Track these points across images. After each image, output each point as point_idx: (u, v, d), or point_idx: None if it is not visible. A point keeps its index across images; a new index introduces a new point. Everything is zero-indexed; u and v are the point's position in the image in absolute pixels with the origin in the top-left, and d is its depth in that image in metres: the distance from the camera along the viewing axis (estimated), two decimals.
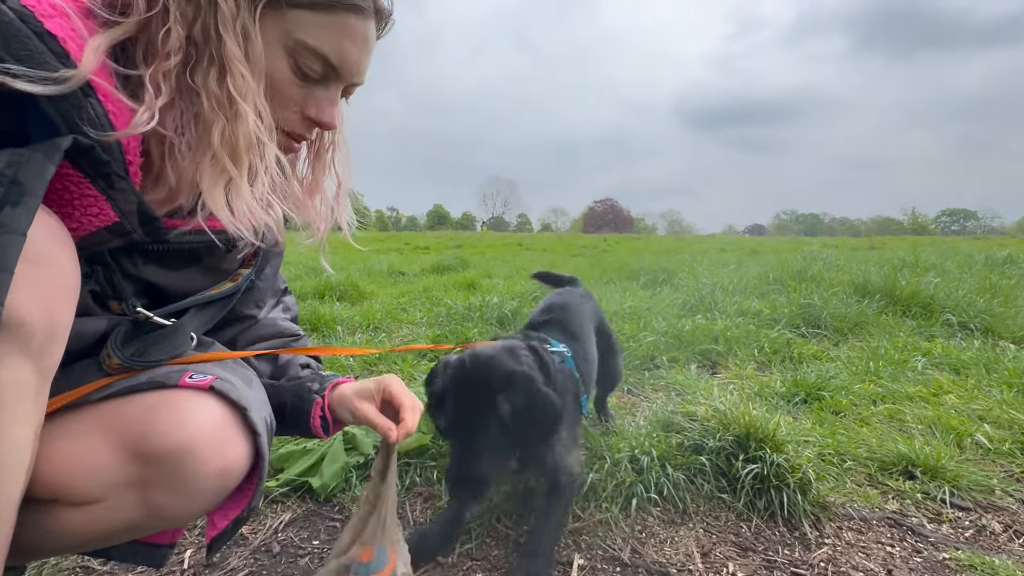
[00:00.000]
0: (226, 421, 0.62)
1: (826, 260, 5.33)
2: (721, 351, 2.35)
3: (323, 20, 0.61)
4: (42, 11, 0.47)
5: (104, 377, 0.62)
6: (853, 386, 1.88)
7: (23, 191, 0.42)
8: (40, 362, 0.47)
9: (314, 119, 0.66)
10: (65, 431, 0.57)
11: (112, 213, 0.53)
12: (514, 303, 3.03)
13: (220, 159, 0.56)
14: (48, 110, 0.47)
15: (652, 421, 1.49)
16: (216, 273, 0.76)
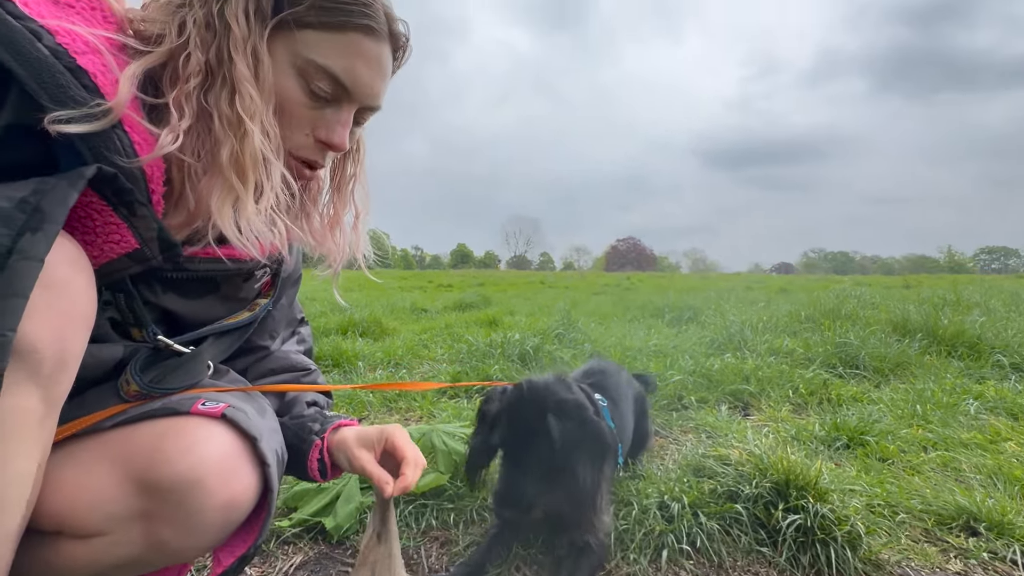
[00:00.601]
0: (235, 450, 0.61)
1: (860, 298, 5.13)
2: (753, 391, 2.24)
3: (333, 39, 0.62)
4: (75, 48, 0.49)
5: (120, 403, 0.61)
6: (900, 431, 1.75)
7: (44, 218, 0.43)
8: (49, 390, 0.47)
9: (324, 140, 0.66)
10: (74, 460, 0.56)
11: (133, 240, 0.53)
12: (536, 340, 2.99)
13: (228, 177, 0.57)
14: (76, 141, 0.48)
15: (682, 465, 1.41)
16: (234, 302, 0.76)
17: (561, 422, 1.00)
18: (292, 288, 0.93)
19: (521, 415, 1.03)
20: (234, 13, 0.56)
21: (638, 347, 2.98)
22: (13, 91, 0.47)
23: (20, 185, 0.44)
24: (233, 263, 0.68)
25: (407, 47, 0.71)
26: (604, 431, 1.03)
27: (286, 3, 0.59)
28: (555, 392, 1.05)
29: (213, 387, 0.70)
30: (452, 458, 1.35)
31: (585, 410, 1.03)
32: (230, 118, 0.57)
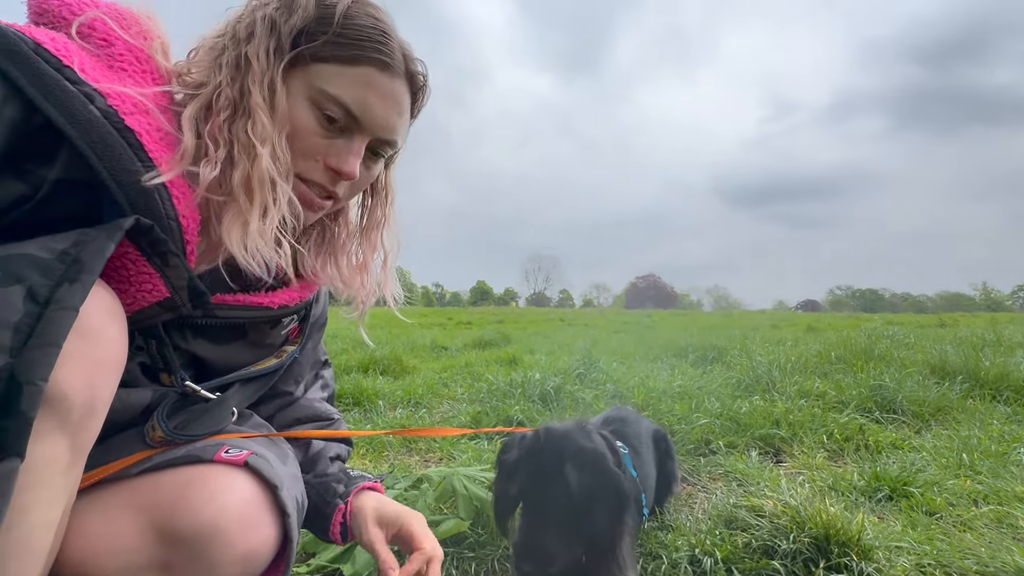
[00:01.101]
0: (256, 500, 0.61)
1: (893, 337, 4.96)
2: (784, 436, 2.15)
3: (345, 71, 0.65)
4: (124, 109, 0.53)
5: (146, 449, 0.62)
6: (946, 482, 1.65)
7: (82, 269, 0.46)
8: (76, 437, 0.48)
9: (334, 168, 0.68)
10: (98, 506, 0.56)
11: (164, 289, 0.56)
12: (556, 380, 2.94)
13: (237, 198, 0.60)
14: (117, 195, 0.52)
15: (713, 515, 1.34)
16: (261, 348, 0.77)
17: (580, 473, 0.97)
18: (318, 333, 0.95)
19: (539, 465, 1.00)
20: (255, 51, 0.61)
21: (662, 388, 2.91)
22: (64, 149, 0.50)
23: (63, 237, 0.47)
24: (260, 310, 0.70)
25: (426, 87, 0.74)
26: (624, 482, 0.99)
27: (303, 39, 0.64)
28: (574, 441, 1.02)
29: (237, 433, 0.70)
30: (473, 504, 1.31)
31: (605, 460, 1.00)
32: (245, 143, 0.61)
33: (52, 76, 0.49)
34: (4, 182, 0.49)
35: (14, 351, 0.40)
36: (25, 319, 0.41)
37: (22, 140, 0.49)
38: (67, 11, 0.56)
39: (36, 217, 0.50)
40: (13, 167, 0.49)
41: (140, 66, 0.59)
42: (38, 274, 0.43)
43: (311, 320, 0.86)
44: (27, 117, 0.49)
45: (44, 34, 0.52)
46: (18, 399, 0.40)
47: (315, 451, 0.88)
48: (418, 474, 1.55)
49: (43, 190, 0.50)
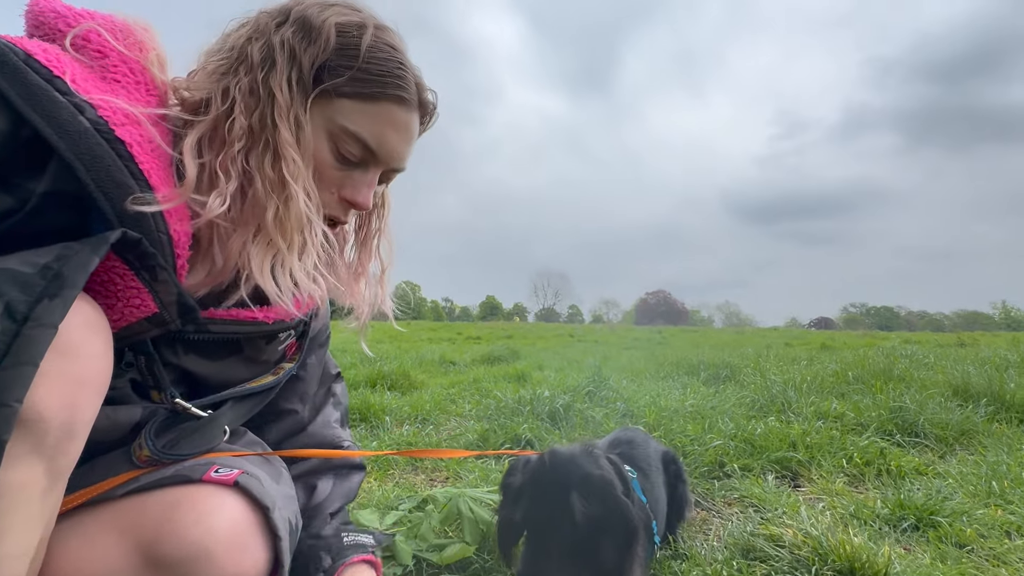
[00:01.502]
0: (246, 522, 0.58)
1: (912, 357, 4.84)
2: (802, 460, 2.07)
3: (366, 108, 0.64)
4: (115, 120, 0.52)
5: (132, 469, 0.60)
6: (975, 511, 1.57)
7: (63, 284, 0.44)
8: (54, 461, 0.45)
9: (349, 200, 0.68)
10: (82, 529, 0.54)
11: (152, 304, 0.54)
12: (566, 397, 2.90)
13: (272, 237, 0.59)
14: (105, 208, 0.50)
15: (729, 544, 1.29)
16: (257, 365, 0.75)
17: (586, 501, 0.92)
18: (321, 348, 0.93)
19: (544, 491, 0.96)
20: (278, 83, 0.59)
21: (674, 407, 2.84)
22: (53, 161, 0.49)
23: (46, 251, 0.46)
24: (254, 325, 0.69)
25: (434, 113, 0.75)
26: (632, 511, 0.94)
27: (326, 75, 0.62)
28: (580, 466, 0.98)
29: (228, 451, 0.68)
30: (479, 527, 1.27)
31: (612, 487, 0.96)
32: (273, 180, 0.59)
33: (41, 87, 0.48)
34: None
35: None
36: (1, 337, 0.39)
37: (10, 152, 0.48)
38: (63, 23, 0.56)
39: (23, 231, 0.49)
40: (1, 180, 0.48)
41: (134, 77, 0.58)
42: (17, 290, 0.41)
43: (310, 335, 0.84)
44: (15, 129, 0.48)
45: (36, 45, 0.51)
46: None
47: (317, 501, 0.86)
48: (423, 494, 1.52)
49: (31, 203, 0.49)
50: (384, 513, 1.40)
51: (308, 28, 0.61)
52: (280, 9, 0.64)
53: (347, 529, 0.86)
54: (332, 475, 0.91)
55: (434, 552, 1.21)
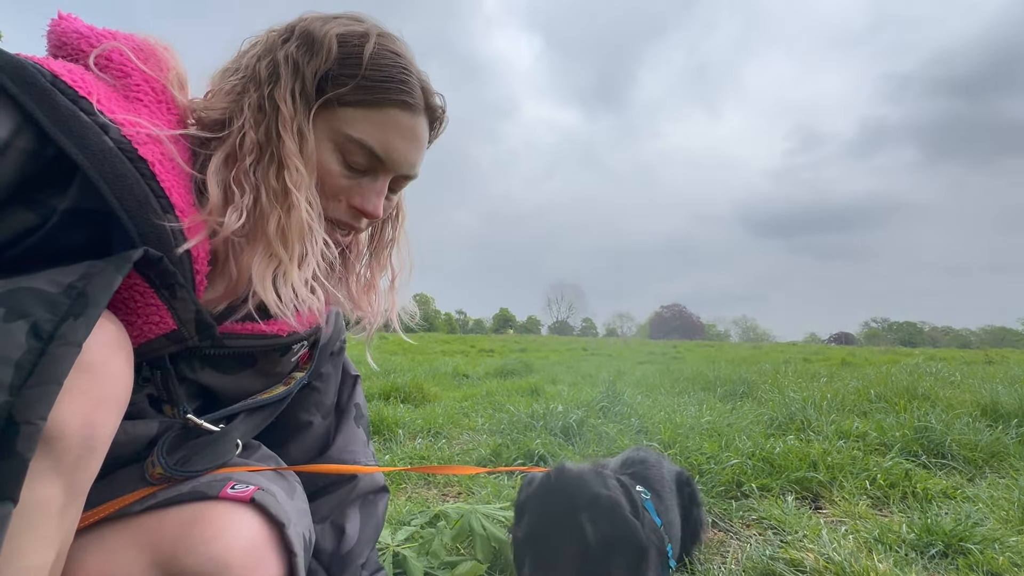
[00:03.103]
0: (262, 539, 0.58)
1: (936, 375, 4.70)
2: (823, 480, 2.02)
3: (370, 116, 0.65)
4: (138, 139, 0.53)
5: (146, 486, 0.60)
6: (1008, 538, 1.51)
7: (87, 303, 0.44)
8: (72, 477, 0.46)
9: (359, 208, 0.68)
10: (99, 545, 0.54)
11: (171, 321, 0.55)
12: (579, 412, 2.87)
13: (273, 246, 0.60)
14: (128, 226, 0.52)
15: (748, 568, 1.25)
16: (270, 377, 0.76)
17: (596, 523, 0.90)
18: (335, 357, 0.93)
19: (551, 510, 0.94)
20: (282, 96, 0.61)
21: (690, 424, 2.80)
22: (76, 179, 0.51)
23: (71, 269, 0.47)
24: (270, 338, 0.69)
25: (443, 118, 0.75)
26: (641, 532, 0.92)
27: (329, 85, 0.64)
28: (589, 487, 0.96)
29: (242, 466, 0.68)
30: (491, 545, 1.26)
31: (620, 508, 0.94)
32: (276, 190, 0.60)
33: (67, 107, 0.49)
34: (15, 212, 0.49)
35: (14, 389, 0.39)
36: (27, 355, 0.40)
37: (34, 170, 0.49)
38: (85, 43, 0.58)
39: (45, 247, 0.50)
40: (24, 197, 0.50)
41: (155, 97, 0.60)
42: (43, 309, 0.42)
43: (320, 343, 0.85)
44: (40, 147, 0.49)
45: (61, 66, 0.53)
46: (14, 440, 0.38)
47: (347, 549, 0.85)
48: (435, 510, 1.51)
49: (53, 220, 0.50)
50: (396, 529, 1.39)
51: (311, 41, 0.63)
52: (287, 26, 0.66)
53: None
54: (359, 508, 0.90)
55: (446, 570, 1.20)
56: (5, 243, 0.49)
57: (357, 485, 0.90)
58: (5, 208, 0.48)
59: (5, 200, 0.48)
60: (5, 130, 0.47)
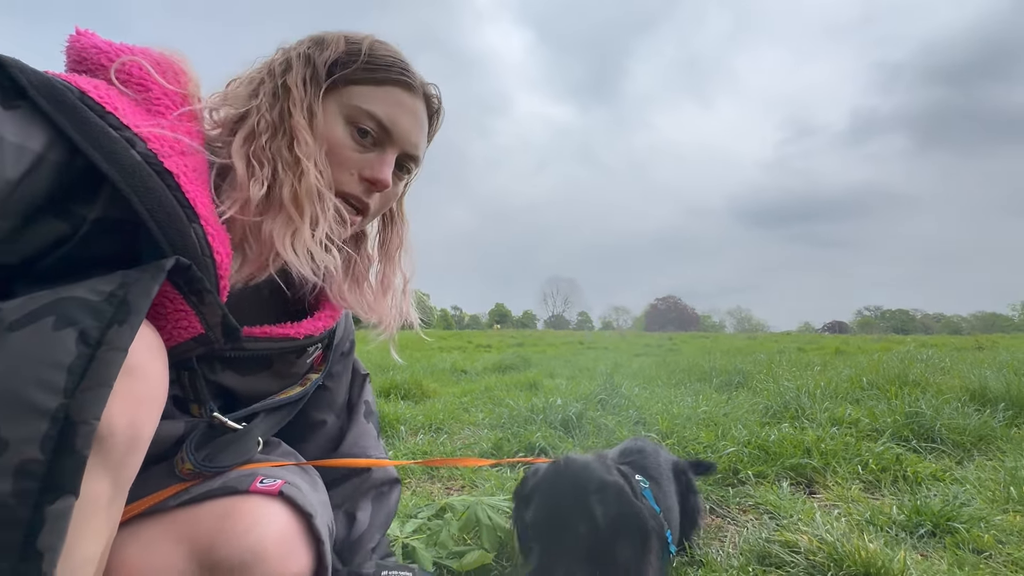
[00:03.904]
0: (292, 529, 0.62)
1: (928, 361, 4.78)
2: (816, 466, 2.07)
3: (376, 91, 0.72)
4: (163, 152, 0.56)
5: (176, 482, 0.63)
6: (993, 517, 1.56)
7: (129, 310, 0.47)
8: (119, 473, 0.49)
9: (370, 178, 0.73)
10: (137, 539, 0.58)
11: (199, 325, 0.58)
12: (579, 405, 2.91)
13: (288, 211, 0.64)
14: (158, 236, 0.54)
15: (744, 551, 1.30)
16: (286, 378, 0.79)
17: (604, 507, 0.95)
18: (345, 357, 0.97)
19: (559, 496, 0.98)
20: (294, 81, 0.67)
21: (686, 414, 2.85)
22: (104, 190, 0.53)
23: (108, 279, 0.49)
24: (287, 341, 0.73)
25: (440, 110, 0.81)
26: (646, 514, 0.97)
27: (338, 68, 0.70)
28: (596, 473, 1.01)
29: (266, 462, 0.72)
30: (497, 534, 1.30)
31: (627, 493, 0.99)
32: (288, 160, 0.65)
33: (96, 123, 0.52)
34: (47, 222, 0.52)
35: (68, 392, 0.42)
36: (78, 361, 0.43)
37: (65, 182, 0.52)
38: (104, 58, 0.60)
39: (76, 256, 0.53)
40: (55, 208, 0.52)
41: (176, 108, 0.63)
42: (89, 317, 0.45)
43: (334, 345, 0.88)
44: (70, 160, 0.51)
45: (87, 82, 0.55)
46: (73, 438, 0.41)
47: (358, 534, 0.89)
48: (441, 503, 1.55)
49: (83, 229, 0.52)
50: (404, 522, 1.43)
51: (320, 40, 0.72)
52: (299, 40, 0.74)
53: (388, 565, 0.89)
54: (371, 499, 0.94)
55: (454, 559, 1.23)
56: (40, 253, 0.52)
57: (370, 477, 0.94)
58: (38, 218, 0.51)
59: (39, 210, 0.51)
60: (39, 144, 0.49)
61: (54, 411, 0.41)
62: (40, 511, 0.40)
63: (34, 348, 0.42)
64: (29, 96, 0.49)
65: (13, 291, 0.47)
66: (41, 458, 0.40)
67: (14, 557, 0.39)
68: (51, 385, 0.41)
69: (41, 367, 0.42)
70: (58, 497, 0.41)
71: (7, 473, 0.39)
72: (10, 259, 0.51)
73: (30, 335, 0.43)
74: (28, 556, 0.40)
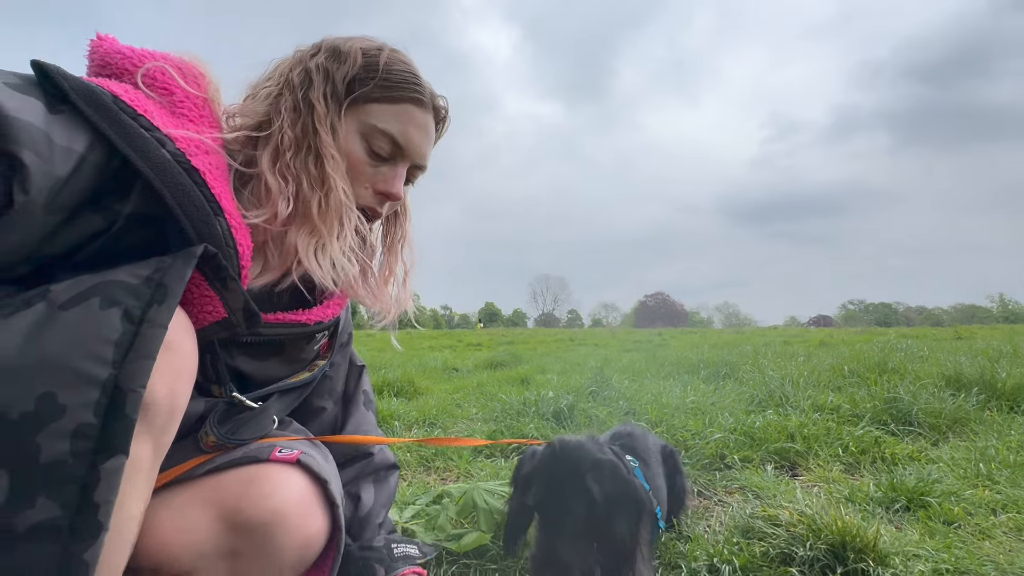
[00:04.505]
0: (310, 493, 0.67)
1: (907, 350, 4.92)
2: (800, 450, 2.15)
3: (391, 109, 0.76)
4: (190, 151, 0.61)
5: (200, 455, 0.68)
6: (964, 492, 1.65)
7: (167, 292, 0.52)
8: (159, 439, 0.54)
9: (383, 191, 0.79)
10: (169, 504, 0.62)
11: (223, 310, 0.62)
12: (570, 398, 2.97)
13: (315, 224, 0.69)
14: (187, 228, 0.59)
15: (729, 526, 1.36)
16: (295, 363, 0.84)
17: (600, 483, 1.00)
18: (344, 347, 1.01)
19: (557, 476, 1.03)
20: (317, 97, 0.71)
21: (675, 404, 2.92)
22: (137, 187, 0.57)
23: (145, 264, 0.54)
24: (298, 327, 0.77)
25: (447, 118, 0.86)
26: (639, 489, 1.03)
27: (356, 86, 0.74)
28: (590, 452, 1.06)
29: (282, 436, 0.76)
30: (494, 516, 1.35)
31: (621, 469, 1.04)
32: (315, 177, 0.69)
33: (131, 125, 0.56)
34: (86, 217, 0.56)
35: (116, 363, 0.46)
36: (124, 336, 0.47)
37: (102, 180, 0.56)
38: (128, 64, 0.64)
39: (110, 248, 0.57)
40: (93, 204, 0.56)
41: (198, 111, 0.67)
42: (132, 298, 0.49)
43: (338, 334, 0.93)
44: (107, 160, 0.56)
45: (119, 87, 0.59)
46: (123, 404, 0.46)
47: (364, 512, 0.94)
48: (439, 490, 1.59)
49: (117, 223, 0.57)
50: (402, 508, 1.47)
51: (337, 53, 0.75)
52: (313, 45, 0.77)
53: (395, 539, 0.95)
54: (372, 482, 1.00)
55: (452, 541, 1.28)
56: (79, 245, 0.56)
57: (372, 461, 0.98)
58: (79, 213, 0.55)
59: (80, 206, 0.55)
60: (82, 145, 0.53)
61: (104, 380, 0.45)
62: (95, 469, 0.44)
63: (84, 325, 0.46)
64: (71, 101, 0.54)
65: (55, 277, 0.51)
66: (95, 422, 0.44)
67: (72, 509, 0.43)
68: (101, 357, 0.46)
69: (91, 342, 0.46)
70: (111, 456, 0.45)
71: (65, 435, 0.43)
72: (55, 250, 0.55)
73: (79, 313, 0.47)
74: (85, 508, 0.44)
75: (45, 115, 0.51)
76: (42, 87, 0.53)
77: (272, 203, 0.67)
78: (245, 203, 0.69)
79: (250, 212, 0.68)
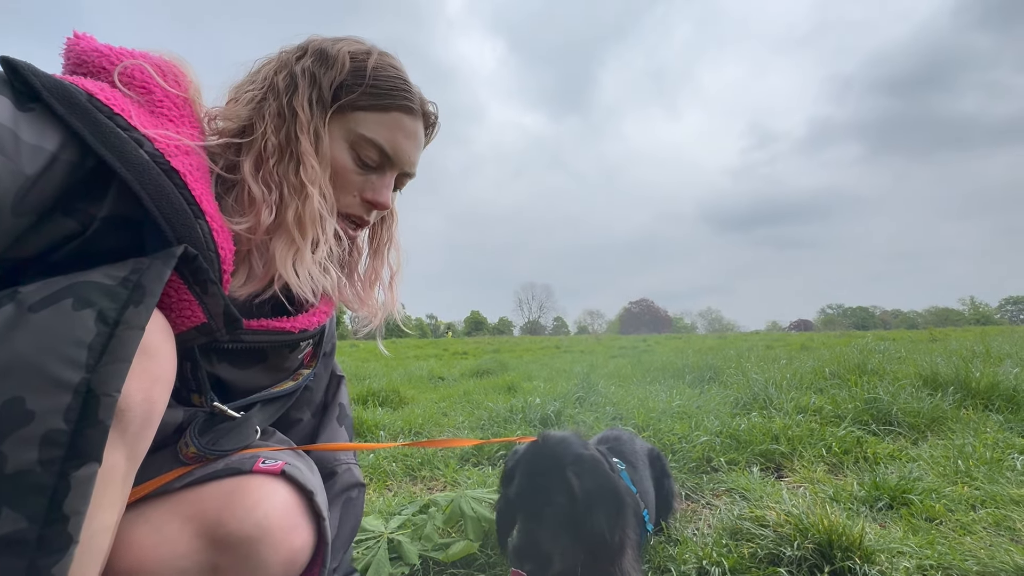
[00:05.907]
0: (294, 505, 0.64)
1: (885, 352, 5.02)
2: (784, 451, 2.17)
3: (379, 118, 0.73)
4: (169, 152, 0.58)
5: (180, 466, 0.65)
6: (944, 489, 1.68)
7: (144, 293, 0.50)
8: (133, 447, 0.51)
9: (371, 200, 0.76)
10: (146, 519, 0.59)
11: (202, 315, 0.60)
12: (556, 404, 2.96)
13: (291, 233, 0.66)
14: (166, 230, 0.56)
15: (718, 528, 1.36)
16: (278, 372, 0.81)
17: (580, 477, 1.00)
18: (327, 358, 0.99)
19: (538, 469, 1.03)
20: (300, 103, 0.68)
21: (661, 408, 2.93)
22: (112, 188, 0.55)
23: (120, 266, 0.51)
24: (282, 334, 0.75)
25: (436, 123, 0.84)
26: (620, 484, 1.03)
27: (343, 92, 0.71)
28: (572, 447, 1.05)
29: (265, 447, 0.74)
30: (481, 525, 1.33)
31: (602, 465, 1.04)
32: (295, 185, 0.67)
33: (107, 124, 0.54)
34: (56, 220, 0.53)
35: (89, 367, 0.44)
36: (97, 338, 0.45)
37: (75, 180, 0.53)
38: (105, 61, 0.61)
39: (83, 251, 0.54)
40: (64, 206, 0.53)
41: (178, 111, 0.64)
42: (107, 299, 0.47)
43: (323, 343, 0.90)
44: (81, 160, 0.53)
45: (94, 85, 0.57)
46: (96, 409, 0.43)
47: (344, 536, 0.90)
48: (425, 499, 1.56)
49: (93, 226, 0.54)
50: (388, 519, 1.44)
51: (325, 57, 0.72)
52: (298, 46, 0.74)
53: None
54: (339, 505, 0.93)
55: (439, 551, 1.26)
56: (50, 248, 0.53)
57: (336, 482, 0.93)
58: (51, 216, 0.52)
59: (51, 208, 0.52)
60: (53, 144, 0.51)
61: (76, 384, 0.43)
62: (65, 477, 0.42)
63: (55, 327, 0.44)
64: (43, 99, 0.51)
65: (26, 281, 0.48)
66: (65, 428, 0.42)
67: (39, 521, 0.41)
68: (73, 360, 0.43)
69: (63, 344, 0.44)
70: (83, 464, 0.43)
71: (32, 442, 0.41)
72: (26, 253, 0.52)
73: (51, 315, 0.44)
74: (54, 520, 0.41)
75: (13, 112, 0.49)
76: (11, 84, 0.51)
77: (256, 211, 0.65)
78: (228, 210, 0.66)
79: (233, 220, 0.65)
